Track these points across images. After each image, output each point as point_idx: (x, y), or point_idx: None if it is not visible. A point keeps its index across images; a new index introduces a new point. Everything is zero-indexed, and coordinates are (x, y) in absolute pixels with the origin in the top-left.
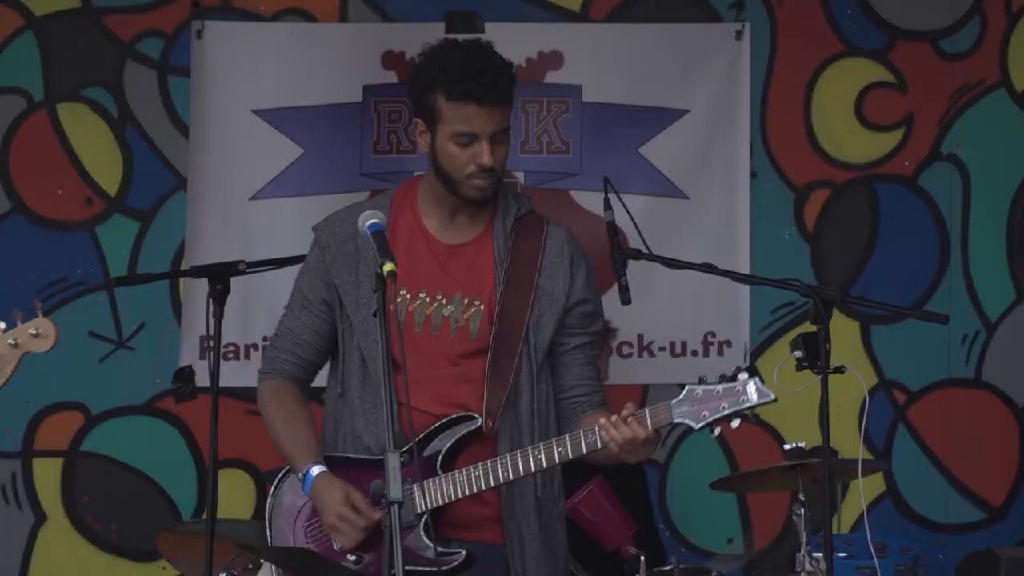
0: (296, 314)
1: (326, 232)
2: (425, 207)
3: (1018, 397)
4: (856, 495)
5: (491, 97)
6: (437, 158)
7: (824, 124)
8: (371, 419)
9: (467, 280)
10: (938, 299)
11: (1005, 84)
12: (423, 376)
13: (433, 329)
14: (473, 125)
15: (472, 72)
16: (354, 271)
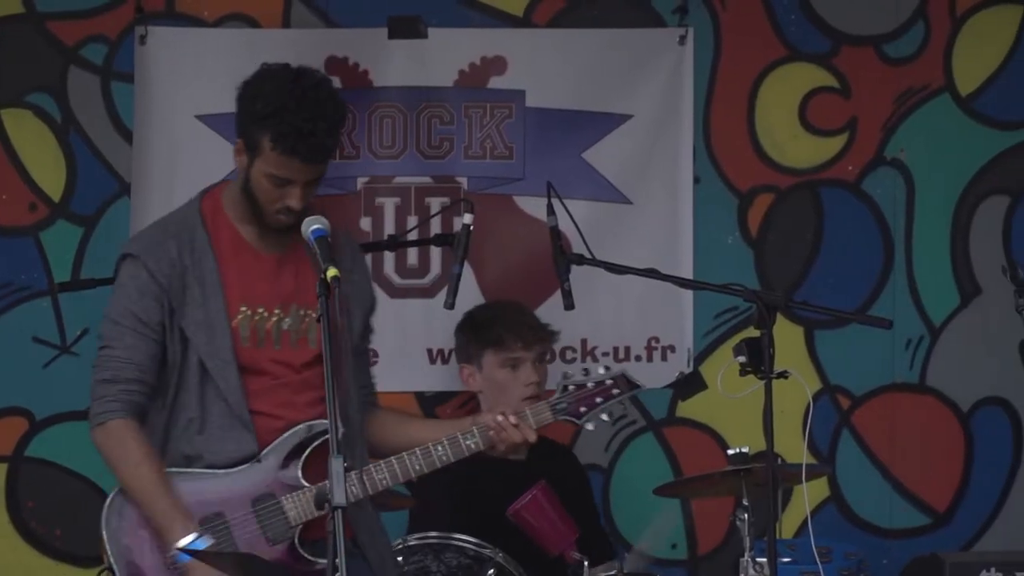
0: (129, 341)
1: (152, 256)
2: (237, 219)
3: (962, 402)
4: (800, 500)
5: (315, 157)
6: (249, 183)
7: (768, 129)
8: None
9: (297, 290)
10: (882, 304)
11: (949, 88)
12: (271, 386)
13: (275, 343)
14: (291, 174)
15: (303, 132)
16: (190, 292)
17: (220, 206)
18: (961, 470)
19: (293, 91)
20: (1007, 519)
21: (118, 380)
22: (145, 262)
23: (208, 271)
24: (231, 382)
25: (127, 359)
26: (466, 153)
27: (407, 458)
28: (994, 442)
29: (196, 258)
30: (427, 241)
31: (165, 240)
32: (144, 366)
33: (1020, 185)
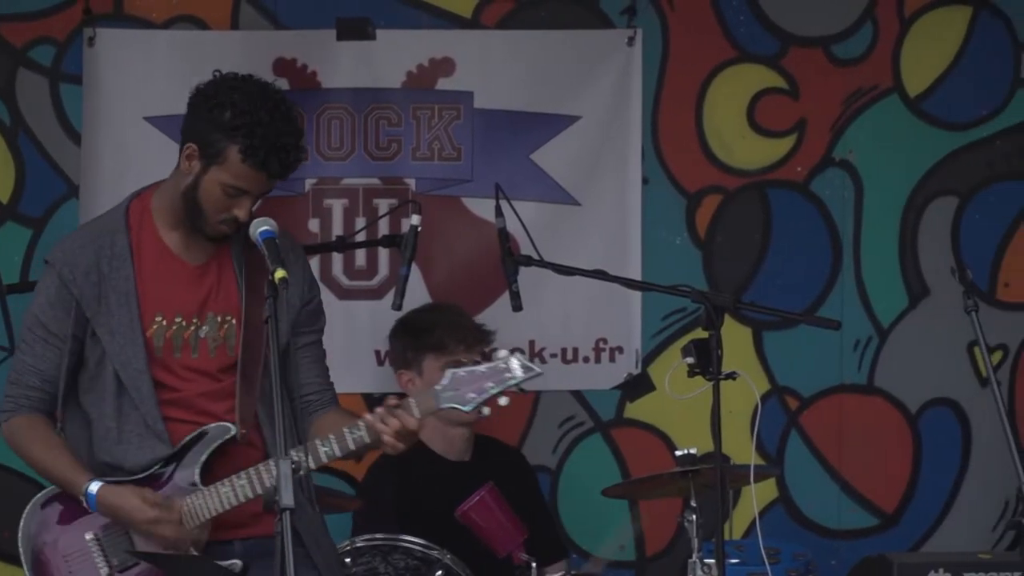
0: (38, 350)
1: (67, 265)
2: (163, 225)
3: (911, 403)
4: (748, 501)
5: (284, 172)
6: (196, 189)
7: (716, 130)
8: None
9: (216, 298)
10: (830, 305)
11: (898, 89)
12: (186, 395)
13: (192, 352)
14: (250, 186)
15: (278, 146)
16: (104, 301)
17: (148, 210)
18: (909, 471)
19: (265, 104)
20: (955, 520)
21: (20, 384)
22: (60, 271)
23: (124, 279)
24: (144, 391)
25: (32, 366)
26: (414, 155)
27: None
28: (942, 443)
29: (114, 266)
30: (375, 243)
31: (85, 247)
32: (47, 375)
33: (969, 186)
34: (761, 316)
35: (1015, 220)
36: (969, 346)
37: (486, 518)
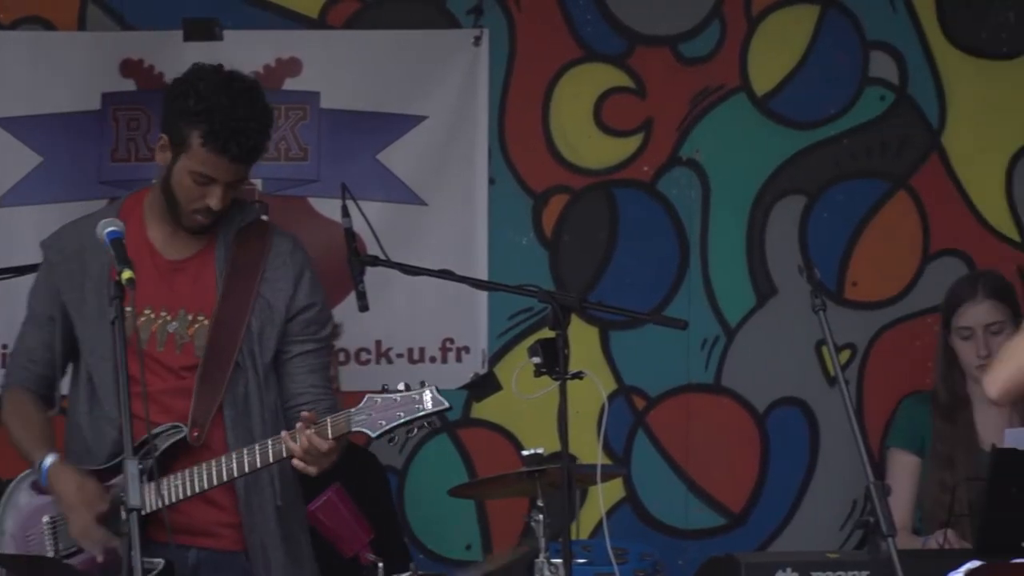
0: (29, 330)
1: (53, 248)
2: (151, 220)
3: (758, 402)
4: (595, 501)
5: (244, 156)
6: (170, 180)
7: (562, 130)
8: (99, 435)
9: (191, 295)
10: (677, 304)
11: (745, 88)
12: (149, 389)
13: (158, 345)
14: (216, 173)
15: (236, 130)
16: (80, 288)
17: (141, 205)
18: (757, 470)
19: (227, 90)
20: (803, 519)
21: (13, 361)
22: (48, 254)
23: (101, 266)
24: (106, 382)
25: (24, 345)
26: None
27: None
28: (790, 442)
29: (95, 254)
30: None
31: (73, 234)
32: (35, 355)
33: (816, 185)
34: (608, 316)
35: (863, 219)
36: (817, 345)
37: (333, 518)
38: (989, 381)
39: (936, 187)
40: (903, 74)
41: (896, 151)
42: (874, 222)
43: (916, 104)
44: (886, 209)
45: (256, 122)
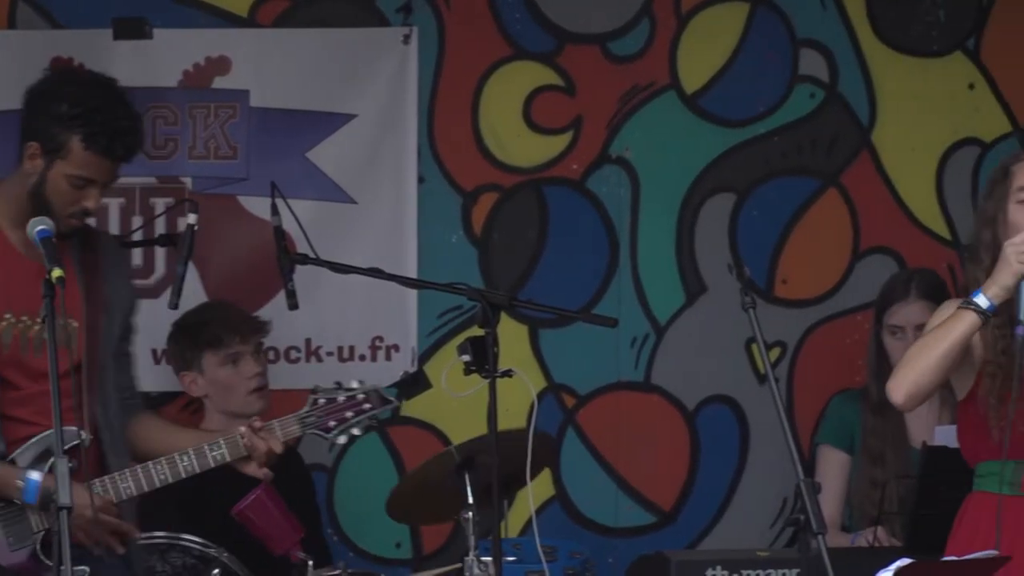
0: None
1: None
2: (9, 223)
3: (688, 400)
4: (524, 499)
5: (128, 155)
6: (43, 186)
7: (492, 128)
8: None
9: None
10: (607, 302)
11: (675, 86)
12: (30, 393)
13: (35, 351)
14: (97, 175)
15: (118, 130)
16: None
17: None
18: (687, 469)
19: (101, 92)
20: (732, 517)
21: None
22: None
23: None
24: None
25: None
26: (191, 153)
27: (152, 467)
28: (720, 440)
29: None
30: (152, 242)
31: None
32: None
33: (746, 183)
34: (537, 314)
35: (793, 217)
36: (747, 343)
37: (262, 517)
38: (893, 387)
39: (866, 185)
40: (833, 72)
41: (826, 149)
42: (804, 220)
43: (846, 102)
44: (816, 207)
45: (132, 121)
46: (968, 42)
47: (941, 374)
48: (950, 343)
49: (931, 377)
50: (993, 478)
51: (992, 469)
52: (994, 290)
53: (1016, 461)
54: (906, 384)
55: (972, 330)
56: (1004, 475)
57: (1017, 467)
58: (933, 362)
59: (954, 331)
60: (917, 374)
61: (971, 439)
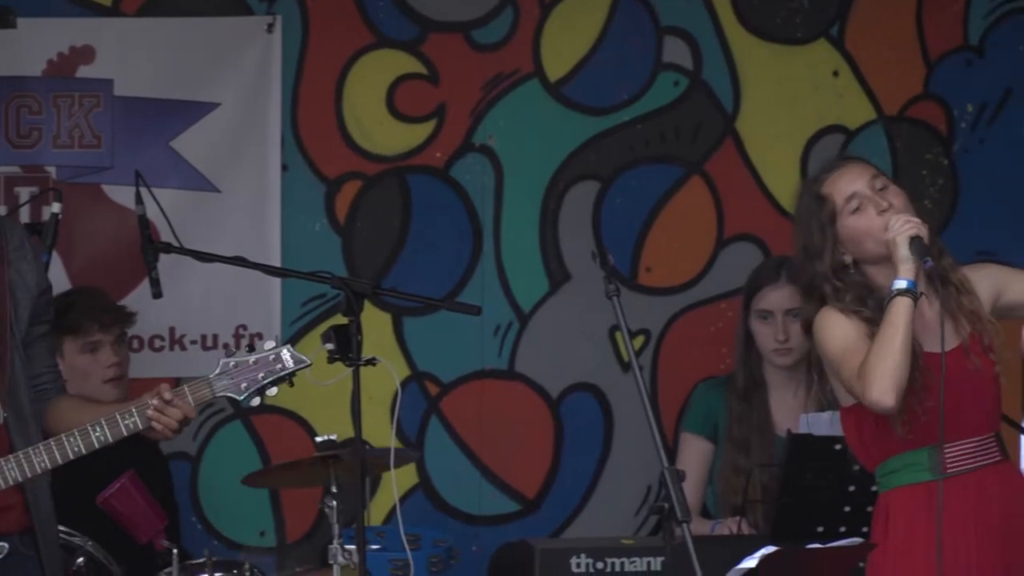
0: None
1: None
2: None
3: (552, 388)
4: (388, 487)
5: None
6: None
7: (355, 116)
8: None
9: None
10: (471, 290)
11: (539, 74)
12: None
13: None
14: None
15: None
16: None
17: None
18: (551, 457)
19: None
20: (597, 505)
21: None
22: None
23: None
24: None
25: None
26: (55, 142)
27: (65, 439)
28: (584, 428)
29: None
30: None
31: None
32: None
33: (610, 170)
34: (401, 302)
35: (657, 204)
36: (611, 331)
37: (127, 505)
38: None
39: (730, 172)
40: (697, 59)
41: (690, 136)
42: (668, 207)
43: (710, 89)
44: (680, 194)
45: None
46: (832, 29)
47: (908, 361)
48: (903, 334)
49: (905, 371)
50: (911, 469)
51: (908, 460)
52: (905, 268)
53: (929, 447)
54: (891, 386)
55: (910, 312)
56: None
57: (931, 452)
58: (901, 357)
59: (899, 320)
60: (896, 372)
61: (872, 439)
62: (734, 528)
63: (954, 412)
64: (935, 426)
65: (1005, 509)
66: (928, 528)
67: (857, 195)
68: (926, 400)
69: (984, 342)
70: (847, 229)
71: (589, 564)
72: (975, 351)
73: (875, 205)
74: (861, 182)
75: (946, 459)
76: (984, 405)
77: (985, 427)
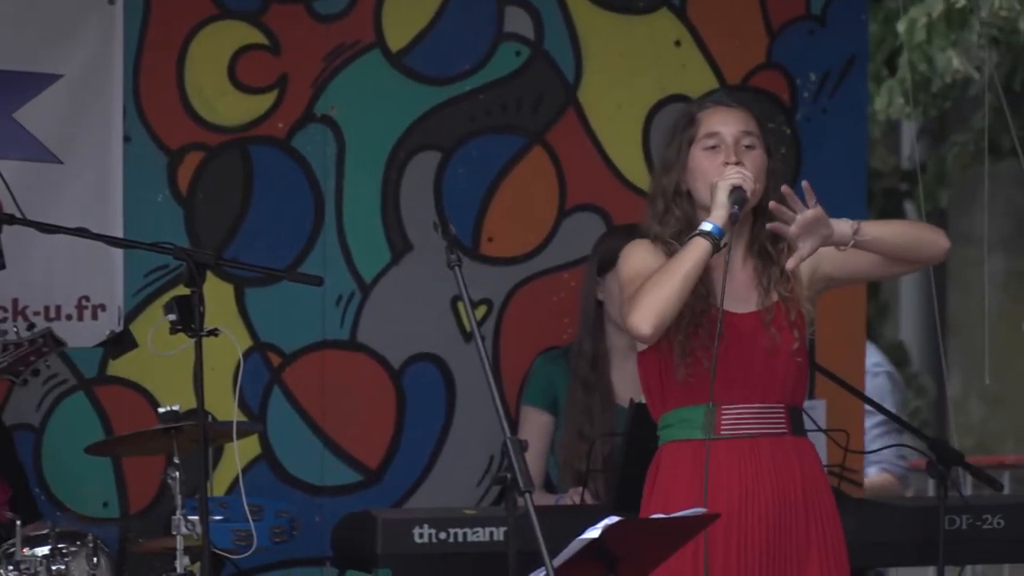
0: None
1: None
2: None
3: (394, 359)
4: (231, 458)
5: None
6: None
7: (197, 87)
8: None
9: None
10: (313, 261)
11: (380, 44)
12: None
13: None
14: None
15: None
16: None
17: None
18: (393, 427)
19: None
20: (439, 476)
21: None
22: None
23: None
24: None
25: None
26: None
27: None
28: (426, 399)
29: None
30: None
31: None
32: None
33: (451, 140)
34: (243, 273)
35: (499, 174)
36: (453, 301)
37: None
38: (638, 320)
39: (572, 142)
40: (539, 29)
41: (532, 107)
42: (510, 177)
43: (552, 59)
44: (522, 164)
45: None
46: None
47: (681, 304)
48: (686, 271)
49: (674, 306)
50: (685, 425)
51: (683, 416)
52: (717, 213)
53: (707, 405)
54: (652, 315)
55: (705, 255)
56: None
57: (708, 411)
58: (675, 291)
59: (689, 259)
60: (662, 304)
61: (656, 389)
62: (577, 499)
63: (742, 376)
64: (721, 385)
65: (777, 482)
66: (689, 489)
67: (719, 136)
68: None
69: (790, 318)
70: (693, 160)
71: (432, 534)
72: (776, 323)
73: (727, 155)
74: (731, 128)
75: (722, 421)
76: (777, 376)
77: (772, 397)
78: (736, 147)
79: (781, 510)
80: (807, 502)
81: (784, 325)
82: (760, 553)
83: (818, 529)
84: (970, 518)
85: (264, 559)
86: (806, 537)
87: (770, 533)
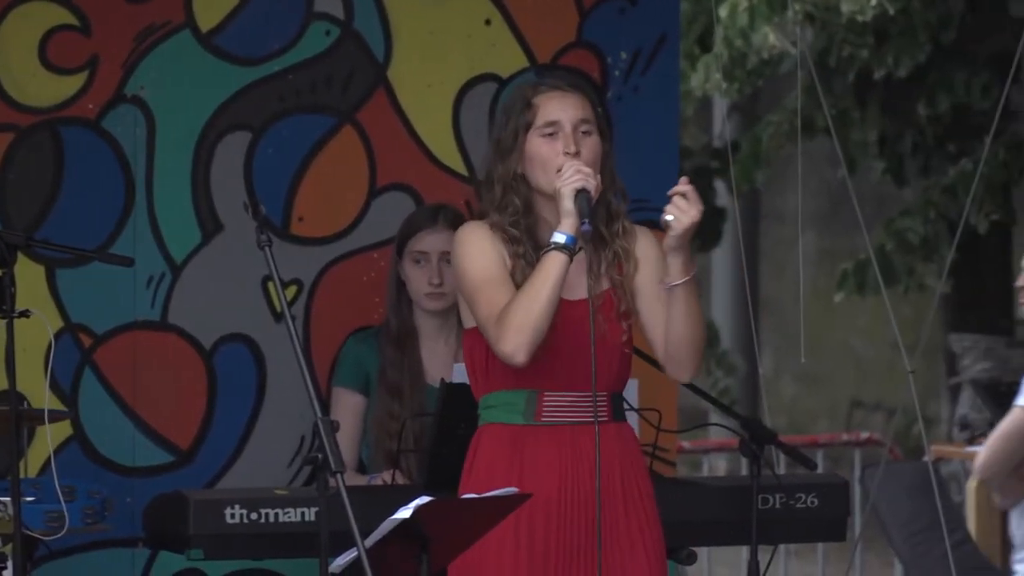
0: None
1: None
2: None
3: (205, 339)
4: (43, 439)
5: None
6: None
7: (8, 68)
8: None
9: None
10: (123, 242)
11: (190, 25)
12: None
13: None
14: None
15: None
16: None
17: None
18: (204, 408)
19: None
20: (250, 456)
21: None
22: None
23: None
24: None
25: None
26: None
27: None
28: (237, 380)
29: None
30: None
31: None
32: None
33: (261, 121)
34: (54, 253)
35: (309, 154)
36: (263, 281)
37: None
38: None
39: (382, 122)
40: (348, 9)
41: (342, 86)
42: (320, 157)
43: (362, 39)
44: (332, 144)
45: None
46: None
47: (549, 323)
48: (551, 289)
49: (544, 328)
50: (506, 409)
51: (505, 399)
52: (566, 222)
53: (529, 390)
54: (525, 343)
55: (563, 269)
56: (519, 404)
57: (530, 396)
58: (544, 308)
59: (549, 277)
60: (534, 329)
61: (482, 369)
62: (388, 479)
63: (565, 363)
64: (545, 372)
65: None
66: (507, 476)
67: (557, 124)
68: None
69: (620, 309)
70: (531, 146)
71: (243, 515)
72: (604, 312)
73: (565, 143)
74: (569, 114)
75: (543, 408)
76: (601, 365)
77: (598, 386)
78: (575, 134)
79: (602, 495)
80: (625, 485)
81: (612, 316)
82: (582, 536)
83: (636, 511)
84: (783, 497)
85: (76, 540)
86: (625, 519)
87: (591, 517)
